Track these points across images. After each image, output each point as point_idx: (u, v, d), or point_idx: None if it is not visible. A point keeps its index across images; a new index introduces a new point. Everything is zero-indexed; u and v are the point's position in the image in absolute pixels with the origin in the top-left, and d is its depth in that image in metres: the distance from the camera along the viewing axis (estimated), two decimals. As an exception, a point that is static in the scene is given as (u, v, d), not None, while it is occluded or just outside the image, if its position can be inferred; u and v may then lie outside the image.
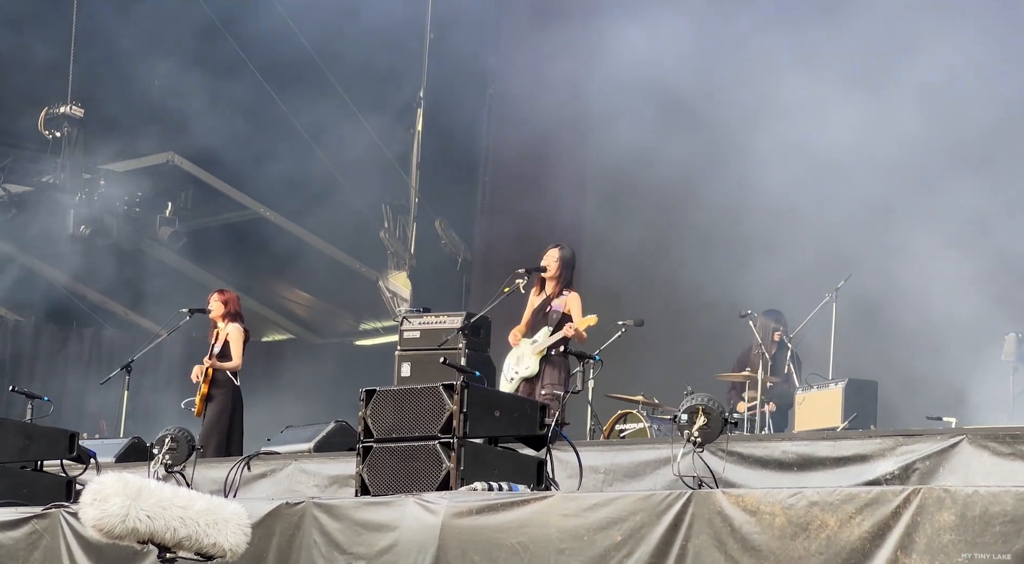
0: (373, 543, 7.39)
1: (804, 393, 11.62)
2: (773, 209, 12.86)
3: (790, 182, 12.69)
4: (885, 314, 12.20)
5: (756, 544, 6.42)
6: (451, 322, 11.84)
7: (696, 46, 12.97)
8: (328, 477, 9.66)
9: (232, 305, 11.84)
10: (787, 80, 12.54)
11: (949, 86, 12.13)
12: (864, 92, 12.51)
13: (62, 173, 15.55)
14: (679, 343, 13.35)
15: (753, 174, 12.94)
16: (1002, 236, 11.87)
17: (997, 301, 11.66)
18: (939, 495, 6.11)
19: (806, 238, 12.65)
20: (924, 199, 12.30)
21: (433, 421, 7.54)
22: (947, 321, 11.72)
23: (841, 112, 12.37)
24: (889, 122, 12.37)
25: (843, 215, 12.72)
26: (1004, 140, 12.07)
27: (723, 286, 13.05)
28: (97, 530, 6.38)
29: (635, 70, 13.18)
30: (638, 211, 13.77)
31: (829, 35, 12.56)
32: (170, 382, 15.86)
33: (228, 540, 6.45)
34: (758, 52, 12.97)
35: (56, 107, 15.40)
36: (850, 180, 12.60)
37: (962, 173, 12.05)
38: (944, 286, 11.86)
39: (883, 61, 12.56)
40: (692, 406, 7.07)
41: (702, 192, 13.24)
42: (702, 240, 13.29)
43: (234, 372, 11.59)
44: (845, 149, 12.53)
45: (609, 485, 8.63)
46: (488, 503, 7.10)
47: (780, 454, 8.23)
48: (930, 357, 11.67)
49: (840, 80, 12.52)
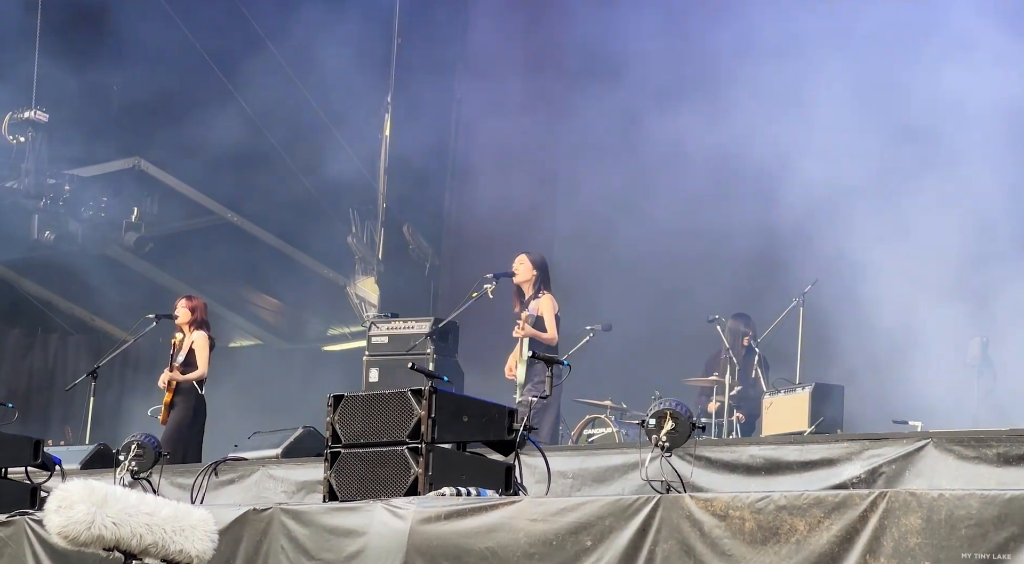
0: (341, 549, 7.36)
1: (771, 397, 11.67)
2: (739, 211, 12.93)
3: (759, 185, 12.76)
4: (851, 318, 12.27)
5: (726, 548, 6.43)
6: (419, 327, 11.84)
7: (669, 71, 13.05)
8: (296, 483, 9.63)
9: (199, 312, 11.81)
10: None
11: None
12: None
13: (26, 178, 15.45)
14: (647, 348, 13.38)
15: (722, 178, 13.01)
16: (967, 242, 11.96)
17: (962, 305, 11.74)
18: (905, 499, 6.14)
19: (772, 243, 12.71)
20: (889, 203, 12.38)
21: (401, 426, 7.52)
22: (912, 325, 11.79)
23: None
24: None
25: (808, 219, 12.79)
26: (966, 146, 12.16)
27: (691, 289, 13.10)
28: (62, 537, 6.34)
29: (601, 61, 13.27)
30: (607, 213, 13.80)
31: (807, 70, 12.60)
32: (136, 388, 15.77)
33: (195, 547, 6.42)
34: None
35: (20, 112, 15.30)
36: (815, 185, 12.67)
37: (926, 179, 12.13)
38: (909, 290, 11.94)
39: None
40: (660, 411, 7.08)
41: (670, 195, 13.29)
42: (669, 243, 13.33)
43: (199, 381, 11.55)
44: (816, 150, 12.61)
45: (577, 490, 8.63)
46: (456, 508, 7.10)
47: (748, 458, 8.26)
48: (896, 361, 11.74)
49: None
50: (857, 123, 12.45)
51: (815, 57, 12.54)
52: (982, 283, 11.77)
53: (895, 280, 12.00)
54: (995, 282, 11.68)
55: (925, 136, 12.10)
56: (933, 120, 11.95)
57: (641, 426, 7.15)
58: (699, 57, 13.25)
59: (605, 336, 12.05)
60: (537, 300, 10.78)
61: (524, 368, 10.62)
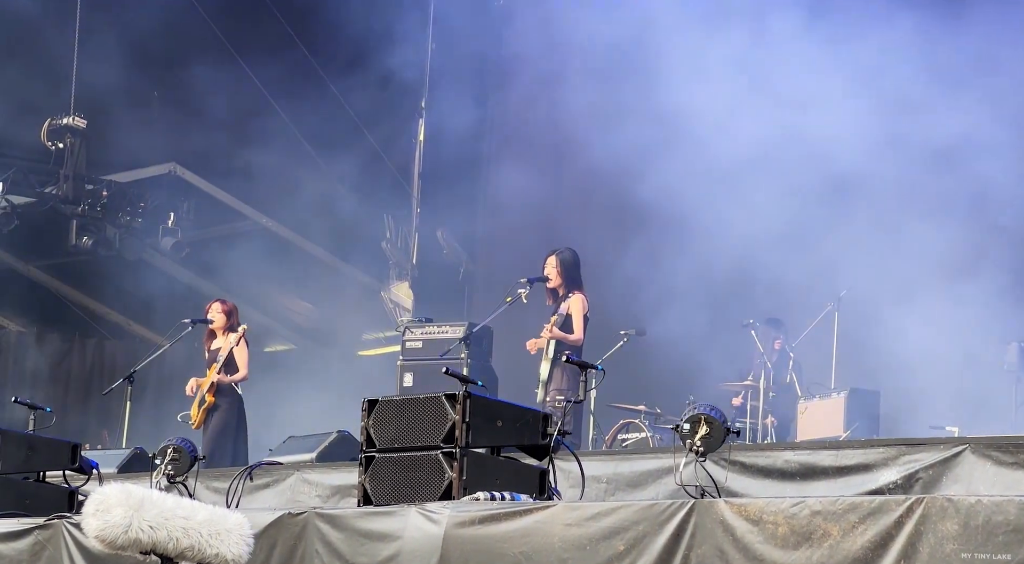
0: (375, 553, 7.38)
1: (806, 402, 11.63)
2: (776, 219, 12.88)
3: (795, 192, 12.71)
4: (887, 323, 12.20)
5: (759, 554, 6.41)
6: (453, 332, 11.86)
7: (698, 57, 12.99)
8: (330, 487, 9.66)
9: (234, 316, 11.88)
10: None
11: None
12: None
13: (64, 184, 15.57)
14: (681, 352, 13.35)
15: (762, 187, 12.97)
16: (1008, 246, 11.88)
17: (1000, 311, 11.65)
18: (942, 504, 6.10)
19: (808, 248, 12.66)
20: (927, 207, 12.31)
21: (435, 431, 7.53)
22: (950, 330, 11.71)
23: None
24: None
25: (846, 225, 12.74)
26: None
27: (724, 295, 13.06)
28: (99, 541, 6.37)
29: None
30: (641, 219, 13.78)
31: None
32: (172, 393, 15.86)
33: (231, 550, 6.45)
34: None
35: (59, 118, 15.42)
36: (852, 191, 12.62)
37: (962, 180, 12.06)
38: (947, 295, 11.86)
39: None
40: (694, 415, 7.07)
41: (702, 201, 13.26)
42: (704, 248, 13.30)
43: (239, 383, 11.64)
44: (858, 158, 12.55)
45: (611, 495, 8.62)
46: (490, 513, 7.10)
47: (783, 463, 8.23)
48: (932, 366, 11.67)
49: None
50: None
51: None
52: (1022, 289, 11.69)
53: (933, 285, 11.93)
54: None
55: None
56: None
57: (675, 431, 7.14)
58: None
59: (639, 340, 12.04)
60: (567, 300, 10.75)
61: (548, 366, 10.59)
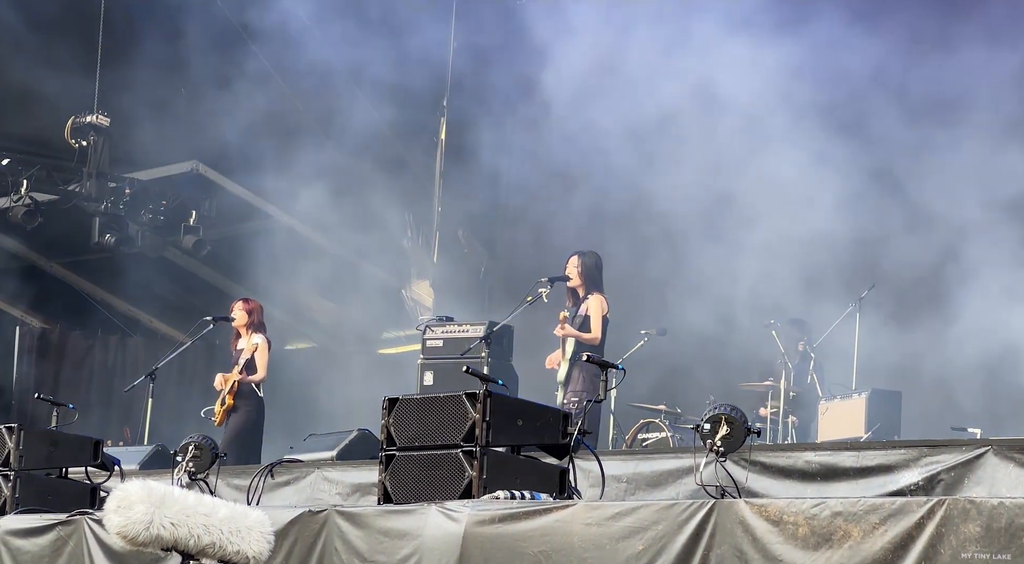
0: (395, 551, 7.39)
1: (827, 403, 11.60)
2: (796, 220, 12.85)
3: (815, 191, 12.68)
4: (909, 324, 12.16)
5: (778, 554, 6.40)
6: (474, 331, 11.86)
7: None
8: (351, 485, 9.68)
9: (256, 315, 11.91)
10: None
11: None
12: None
13: (88, 182, 15.63)
14: (702, 352, 13.33)
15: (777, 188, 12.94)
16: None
17: (1021, 312, 11.60)
18: (964, 506, 6.08)
19: (828, 248, 12.62)
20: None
21: (456, 429, 7.54)
22: (971, 330, 11.66)
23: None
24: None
25: (868, 226, 12.70)
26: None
27: (745, 295, 13.03)
28: (121, 537, 6.40)
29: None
30: (659, 222, 13.76)
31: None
32: (194, 390, 15.90)
33: (251, 547, 6.47)
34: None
35: (82, 116, 15.48)
36: (879, 192, 12.57)
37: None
38: (968, 295, 11.81)
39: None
40: (715, 415, 7.06)
41: (722, 205, 13.23)
42: (725, 250, 13.27)
43: (259, 383, 11.67)
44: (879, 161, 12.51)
45: (631, 494, 8.62)
46: (510, 512, 7.10)
47: (803, 464, 8.21)
48: (954, 367, 11.62)
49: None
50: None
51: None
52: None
53: (955, 286, 11.88)
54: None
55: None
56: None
57: (696, 431, 7.13)
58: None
59: (659, 340, 12.02)
60: (587, 301, 10.78)
61: (567, 366, 10.61)
